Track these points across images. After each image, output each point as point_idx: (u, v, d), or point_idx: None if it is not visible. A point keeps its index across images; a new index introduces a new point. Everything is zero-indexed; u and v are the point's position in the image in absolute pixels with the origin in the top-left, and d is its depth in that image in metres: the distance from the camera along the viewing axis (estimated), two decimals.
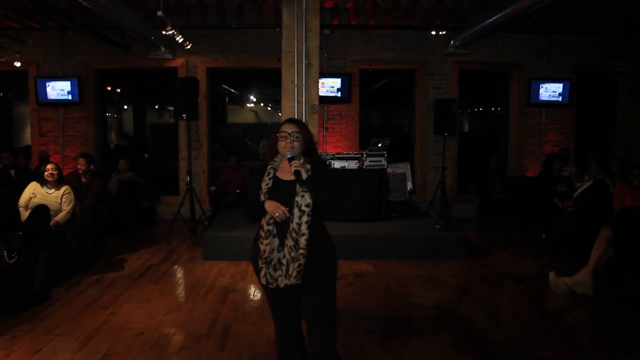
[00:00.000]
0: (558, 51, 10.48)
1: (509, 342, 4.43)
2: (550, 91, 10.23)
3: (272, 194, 3.11)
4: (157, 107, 12.69)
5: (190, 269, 6.68)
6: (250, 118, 13.13)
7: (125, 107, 12.67)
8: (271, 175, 3.21)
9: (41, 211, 5.67)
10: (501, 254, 7.64)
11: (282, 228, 3.08)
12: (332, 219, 7.85)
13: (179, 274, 6.56)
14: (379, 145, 8.38)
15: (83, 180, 7.43)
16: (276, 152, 3.26)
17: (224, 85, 11.79)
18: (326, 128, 10.02)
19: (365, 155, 8.21)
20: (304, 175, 3.07)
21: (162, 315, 4.96)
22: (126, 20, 7.40)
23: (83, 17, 8.32)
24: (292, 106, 4.84)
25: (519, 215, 9.18)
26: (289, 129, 3.21)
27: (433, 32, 9.56)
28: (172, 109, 10.98)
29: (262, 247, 3.11)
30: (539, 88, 10.20)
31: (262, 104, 12.95)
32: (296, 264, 3.03)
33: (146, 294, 5.60)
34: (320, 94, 8.69)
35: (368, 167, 8.12)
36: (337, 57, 10.12)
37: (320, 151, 8.52)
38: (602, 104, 11.30)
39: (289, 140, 3.16)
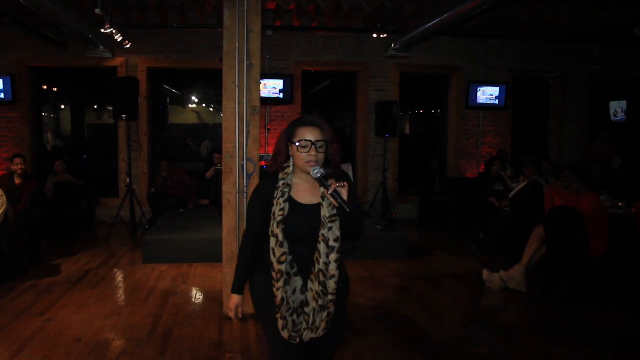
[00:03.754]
0: (495, 56, 10.81)
1: (449, 340, 4.55)
2: (488, 94, 10.52)
3: (289, 224, 2.41)
4: (96, 107, 12.37)
5: (131, 273, 6.55)
6: (192, 119, 12.97)
7: (63, 106, 12.30)
8: (286, 195, 2.44)
9: None
10: (442, 253, 7.82)
11: (303, 266, 2.44)
12: None
13: (119, 277, 6.43)
14: None
15: (17, 182, 7.19)
16: (287, 159, 2.52)
17: (165, 86, 11.62)
18: (268, 129, 10.00)
19: None
20: (345, 201, 2.30)
21: (101, 320, 4.85)
22: (62, 17, 7.18)
23: (16, 12, 8.04)
24: (233, 107, 4.82)
25: (458, 215, 9.41)
26: (312, 135, 2.43)
27: (374, 35, 9.69)
28: (111, 109, 10.74)
29: (275, 292, 2.42)
30: (477, 91, 10.48)
31: (204, 105, 12.81)
32: (325, 313, 2.43)
33: (84, 299, 5.46)
34: (263, 95, 8.71)
35: None
36: (280, 58, 10.13)
37: (262, 152, 8.51)
38: (537, 107, 11.71)
39: (313, 153, 2.41)
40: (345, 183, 2.33)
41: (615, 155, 9.41)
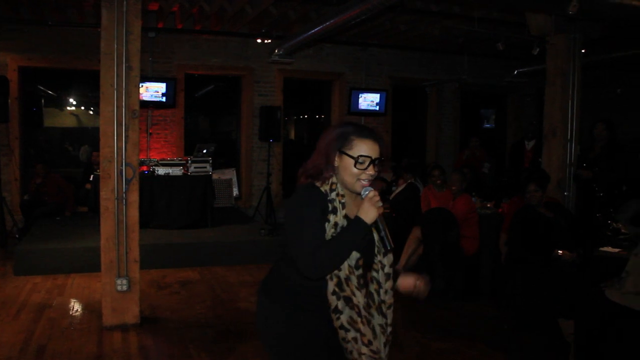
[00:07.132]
0: (376, 63, 11.21)
1: None
2: (369, 100, 10.88)
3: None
4: None
5: None
6: (70, 122, 12.41)
7: None
8: (343, 209, 2.09)
9: None
10: None
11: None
12: (155, 227, 7.70)
13: None
14: (204, 151, 8.38)
15: None
16: (329, 168, 2.13)
17: (39, 86, 11.03)
18: (150, 134, 9.74)
19: (190, 162, 8.17)
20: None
21: None
22: None
23: None
24: (111, 111, 4.69)
25: None
26: (372, 151, 2.06)
27: (259, 40, 9.74)
28: None
29: (354, 301, 2.06)
30: (358, 97, 10.79)
31: (82, 108, 12.29)
32: (387, 350, 2.18)
33: None
34: (145, 98, 8.50)
35: (193, 174, 8.11)
36: (163, 61, 9.89)
37: (143, 157, 8.30)
38: (414, 113, 12.30)
39: (371, 172, 2.07)
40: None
41: (485, 160, 10.07)
